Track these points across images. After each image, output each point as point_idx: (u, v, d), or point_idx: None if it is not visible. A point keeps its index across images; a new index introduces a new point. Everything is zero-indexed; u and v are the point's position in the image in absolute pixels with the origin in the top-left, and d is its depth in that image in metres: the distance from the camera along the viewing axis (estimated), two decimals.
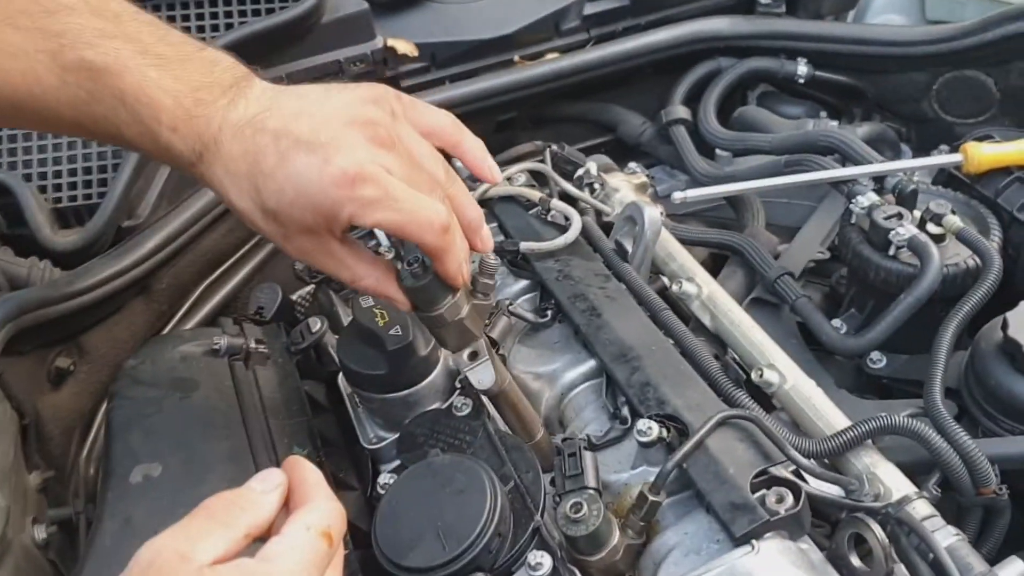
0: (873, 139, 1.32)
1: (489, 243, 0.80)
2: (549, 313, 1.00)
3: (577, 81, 1.38)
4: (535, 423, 0.87)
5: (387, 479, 0.86)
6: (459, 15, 1.39)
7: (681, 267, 1.08)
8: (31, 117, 0.75)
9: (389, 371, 0.87)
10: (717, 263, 1.20)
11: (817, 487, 0.77)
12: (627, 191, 1.17)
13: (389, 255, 1.01)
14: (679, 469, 0.75)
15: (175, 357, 0.97)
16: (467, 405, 0.86)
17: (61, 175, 1.12)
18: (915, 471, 0.83)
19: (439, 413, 0.88)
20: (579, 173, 1.18)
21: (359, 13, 1.28)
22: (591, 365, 0.94)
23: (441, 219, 0.71)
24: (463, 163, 0.82)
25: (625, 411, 0.87)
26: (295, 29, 1.23)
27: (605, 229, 1.09)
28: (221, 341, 0.97)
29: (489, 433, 0.83)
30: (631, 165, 1.30)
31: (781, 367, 0.94)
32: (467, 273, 0.76)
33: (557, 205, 1.08)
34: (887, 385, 1.06)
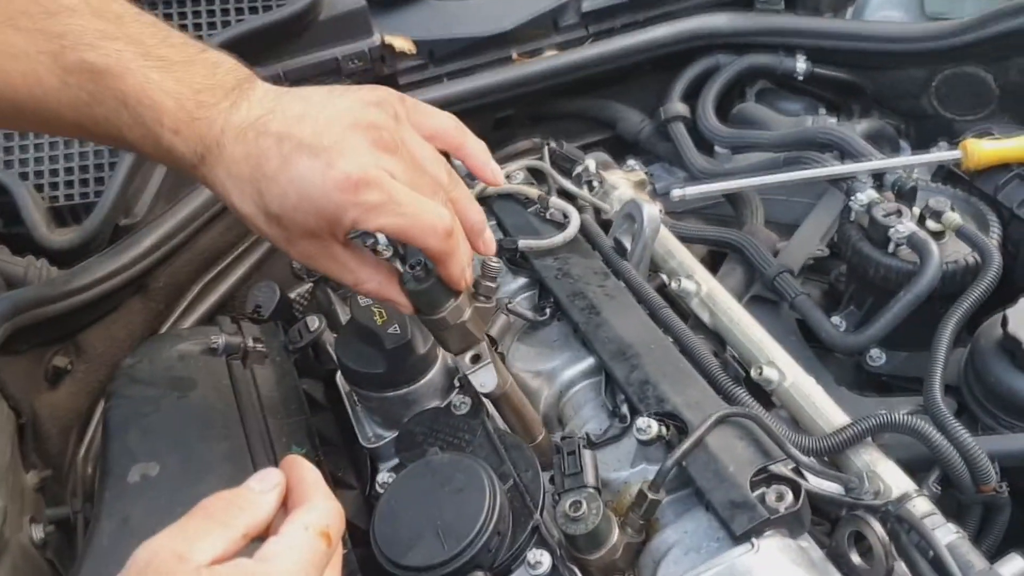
0: (872, 135, 1.32)
1: (491, 246, 0.80)
2: (548, 311, 1.00)
3: (575, 78, 1.37)
4: (537, 425, 0.87)
5: (386, 478, 0.86)
6: (457, 12, 1.39)
7: (680, 264, 1.07)
8: (32, 118, 0.74)
9: (388, 369, 0.87)
10: (716, 260, 1.19)
11: (817, 485, 0.77)
12: (626, 188, 1.17)
13: (387, 253, 1.01)
14: (678, 467, 0.75)
15: (173, 356, 0.97)
16: (466, 403, 0.86)
17: (58, 173, 1.12)
18: (915, 468, 0.83)
19: (438, 412, 0.87)
20: (578, 170, 1.17)
21: (356, 10, 1.28)
22: (590, 363, 0.94)
23: (444, 224, 0.71)
24: (466, 166, 0.82)
25: (624, 409, 0.86)
26: (292, 26, 1.23)
27: (604, 226, 1.09)
28: (219, 340, 0.97)
29: (488, 432, 0.83)
30: (630, 162, 1.30)
31: (780, 364, 0.94)
32: (470, 276, 0.76)
33: (556, 203, 1.08)
34: (887, 382, 1.06)
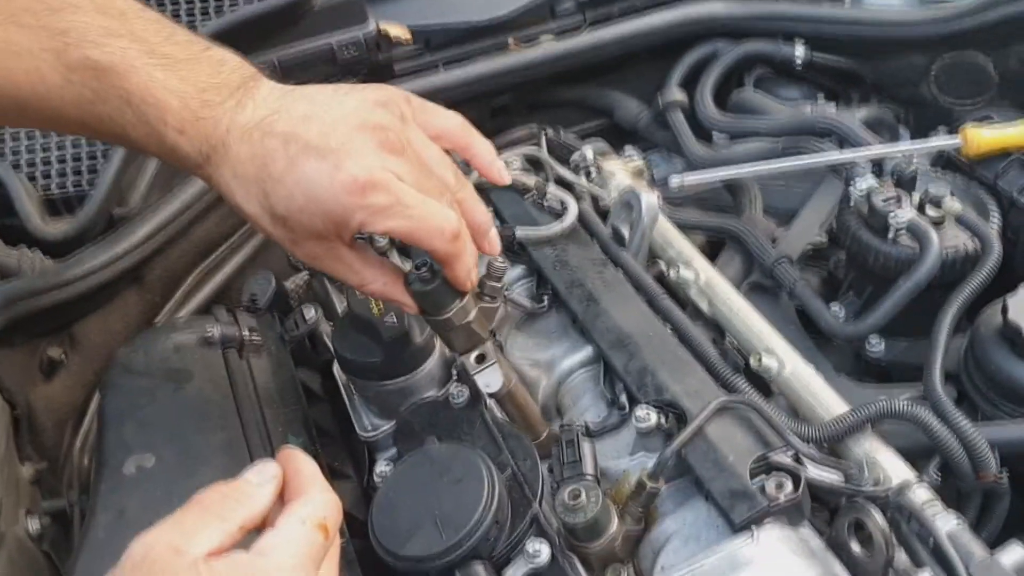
0: (871, 122, 1.31)
1: (497, 246, 0.80)
2: (546, 300, 0.99)
3: (572, 65, 1.36)
4: (540, 422, 0.87)
5: (384, 468, 0.86)
6: None
7: (679, 253, 1.07)
8: (35, 116, 0.74)
9: (385, 359, 0.87)
10: (715, 248, 1.19)
11: (817, 473, 0.76)
12: (623, 176, 1.16)
13: (385, 243, 1.01)
14: (677, 456, 0.74)
15: (168, 347, 0.97)
16: (463, 393, 0.86)
17: (51, 164, 1.11)
18: (915, 456, 0.83)
19: (436, 402, 0.87)
20: (575, 158, 1.17)
21: None
22: (588, 352, 0.93)
23: (451, 226, 0.71)
24: (472, 165, 0.82)
25: (623, 398, 0.86)
26: (287, 14, 1.22)
27: (602, 215, 1.08)
28: (215, 330, 0.97)
29: (486, 422, 0.82)
30: (627, 150, 1.29)
31: (780, 353, 0.93)
32: (475, 277, 0.76)
33: (553, 191, 1.07)
34: (886, 370, 1.05)
